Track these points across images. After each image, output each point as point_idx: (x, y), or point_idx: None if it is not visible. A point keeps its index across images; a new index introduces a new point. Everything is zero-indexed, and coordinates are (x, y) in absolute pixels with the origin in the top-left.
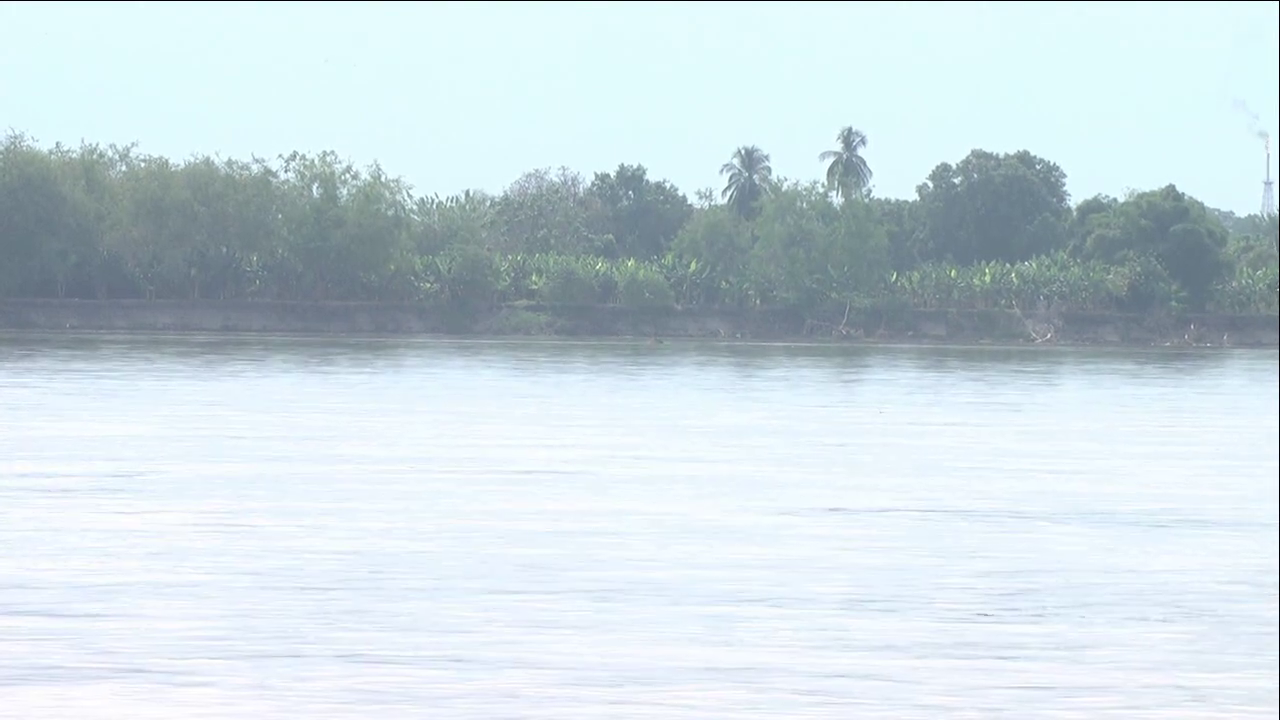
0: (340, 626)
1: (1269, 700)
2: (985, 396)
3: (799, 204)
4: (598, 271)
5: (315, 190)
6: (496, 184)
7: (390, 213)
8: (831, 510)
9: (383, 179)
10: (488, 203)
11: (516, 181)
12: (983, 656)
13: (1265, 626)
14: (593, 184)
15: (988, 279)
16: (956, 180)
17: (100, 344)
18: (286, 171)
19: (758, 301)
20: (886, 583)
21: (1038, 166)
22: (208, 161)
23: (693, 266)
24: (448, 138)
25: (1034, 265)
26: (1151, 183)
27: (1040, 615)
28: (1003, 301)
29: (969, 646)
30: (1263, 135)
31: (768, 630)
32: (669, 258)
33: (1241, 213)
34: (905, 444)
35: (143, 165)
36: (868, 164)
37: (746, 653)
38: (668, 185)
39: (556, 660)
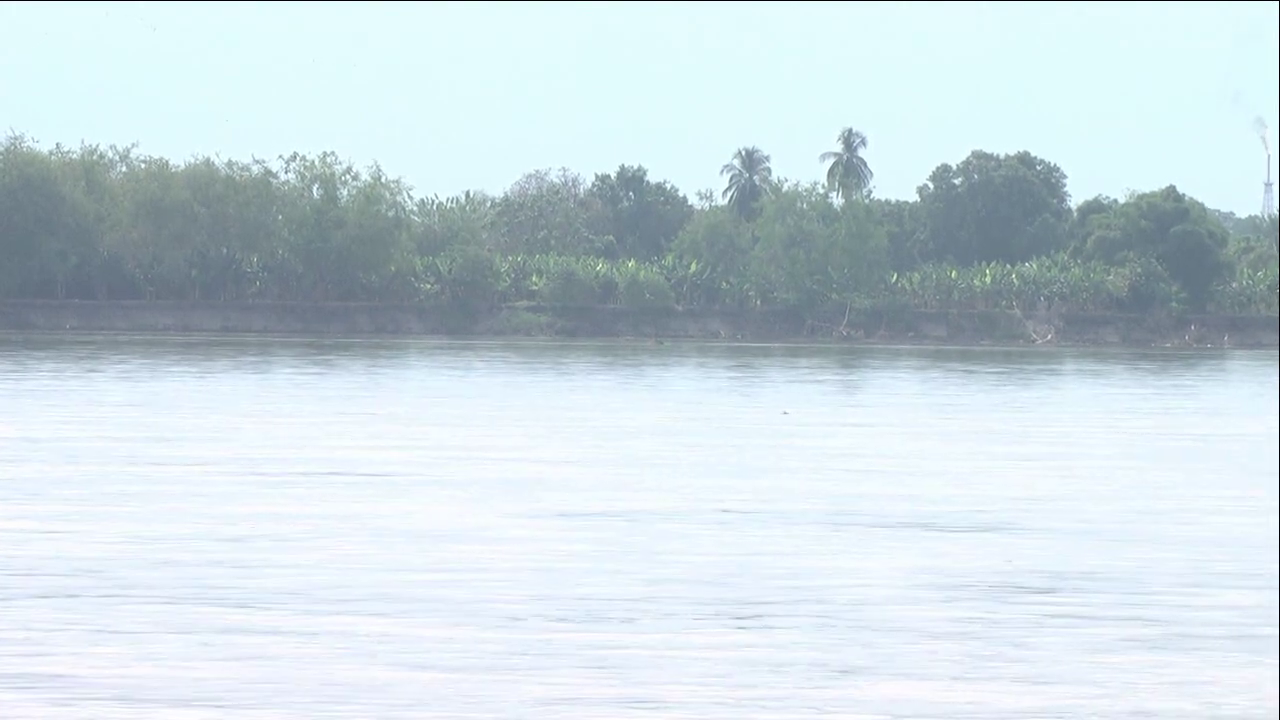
0: None
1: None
2: (919, 397)
3: (799, 205)
4: (598, 272)
5: (315, 191)
6: (497, 185)
7: (390, 214)
8: (578, 514)
9: (383, 180)
10: (488, 203)
11: (517, 182)
12: (494, 670)
13: (883, 633)
14: (593, 185)
15: (988, 280)
16: (957, 181)
17: (77, 344)
18: (287, 172)
19: (758, 302)
20: (510, 589)
21: (1038, 167)
22: (208, 162)
23: (693, 267)
24: (448, 138)
25: (1034, 266)
26: (1152, 183)
27: (628, 621)
28: (1003, 302)
29: (494, 658)
30: (1261, 124)
31: (326, 641)
32: (669, 258)
33: (1242, 214)
34: (772, 445)
35: (143, 166)
36: (868, 165)
37: (257, 666)
38: (668, 186)
39: (44, 671)
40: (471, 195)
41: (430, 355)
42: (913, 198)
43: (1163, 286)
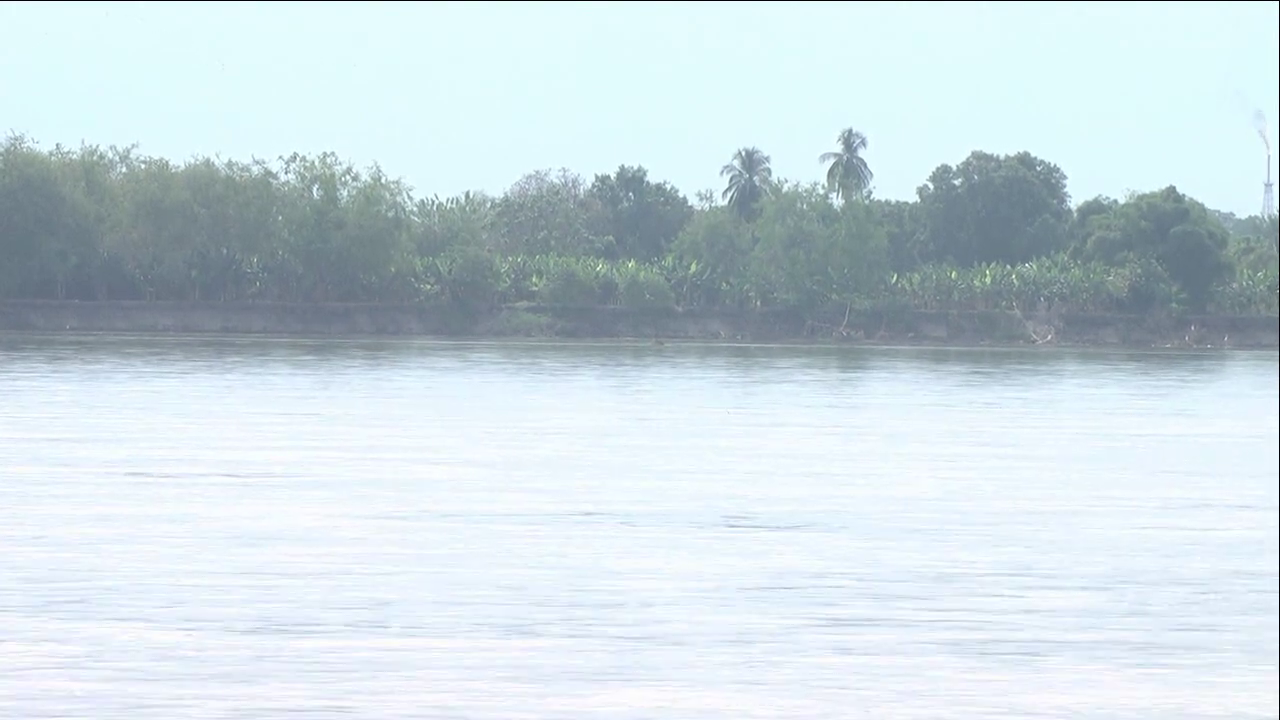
0: None
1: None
2: (884, 398)
3: (799, 205)
4: (598, 273)
5: (315, 192)
6: (497, 185)
7: (390, 214)
8: (431, 515)
9: (383, 180)
10: (488, 204)
11: (517, 183)
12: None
13: (657, 638)
14: (593, 185)
15: (988, 280)
16: (957, 182)
17: (64, 344)
18: (287, 173)
19: (758, 303)
20: (286, 593)
21: (1038, 168)
22: (208, 163)
23: (693, 268)
24: (448, 138)
25: (1034, 267)
26: (1152, 184)
27: (379, 626)
28: (1003, 303)
29: (210, 665)
30: (1260, 117)
31: None
32: (669, 259)
33: (1242, 214)
34: (690, 447)
35: (143, 166)
36: (868, 165)
37: None
38: (668, 186)
39: None
40: (471, 196)
41: (414, 356)
42: (913, 198)
43: (1163, 287)
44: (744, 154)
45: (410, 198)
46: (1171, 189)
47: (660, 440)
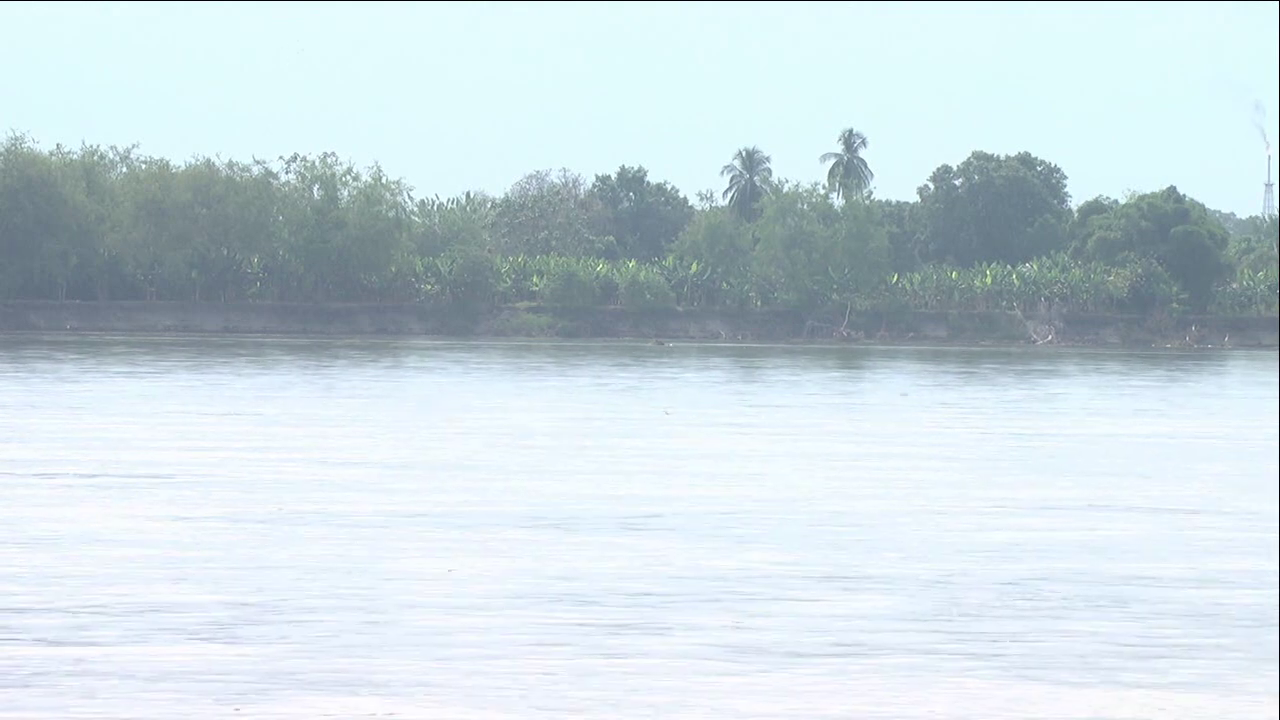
0: None
1: None
2: (839, 397)
3: (800, 205)
4: (599, 273)
5: (316, 192)
6: (497, 185)
7: (391, 214)
8: (267, 519)
9: (383, 180)
10: (488, 204)
11: (517, 183)
12: None
13: (389, 645)
14: (594, 185)
15: (989, 280)
16: (957, 182)
17: (54, 344)
18: (287, 173)
19: (759, 303)
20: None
21: (1038, 168)
22: (208, 163)
23: (694, 268)
24: (448, 138)
25: (1035, 267)
26: (1152, 184)
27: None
28: (1004, 303)
29: None
30: (1259, 110)
31: None
32: (670, 259)
33: (1243, 214)
34: (599, 446)
35: (143, 167)
36: (868, 165)
37: None
38: (669, 187)
39: None
40: (472, 196)
41: (405, 356)
42: (913, 198)
43: (1163, 287)
44: (744, 154)
45: (410, 198)
46: (1172, 189)
47: (579, 440)
